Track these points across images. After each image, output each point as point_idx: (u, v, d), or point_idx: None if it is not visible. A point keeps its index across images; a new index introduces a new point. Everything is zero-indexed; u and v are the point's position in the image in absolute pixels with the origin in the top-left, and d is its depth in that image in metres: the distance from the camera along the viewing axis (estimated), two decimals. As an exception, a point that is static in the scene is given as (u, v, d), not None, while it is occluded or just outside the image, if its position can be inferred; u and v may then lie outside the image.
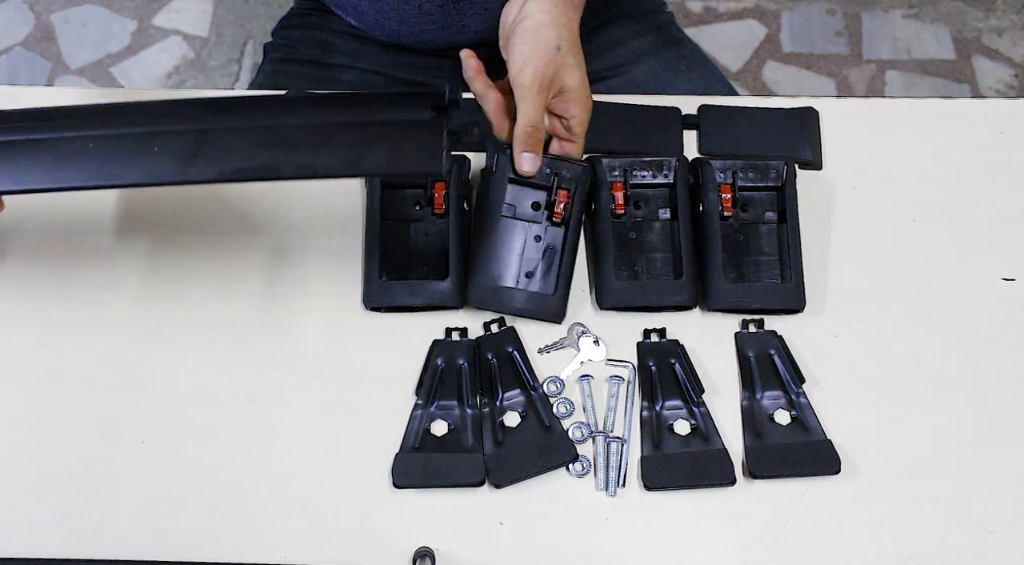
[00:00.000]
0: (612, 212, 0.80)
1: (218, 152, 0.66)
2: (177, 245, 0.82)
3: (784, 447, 0.74)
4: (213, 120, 0.66)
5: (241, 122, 0.67)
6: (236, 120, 0.67)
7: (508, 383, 0.77)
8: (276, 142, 0.66)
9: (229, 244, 0.82)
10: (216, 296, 0.80)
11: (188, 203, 0.84)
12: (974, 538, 0.72)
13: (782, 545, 0.72)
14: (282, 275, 0.81)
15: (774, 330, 0.79)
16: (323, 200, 0.84)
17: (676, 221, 0.80)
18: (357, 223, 0.83)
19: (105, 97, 0.89)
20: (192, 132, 0.66)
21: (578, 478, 0.74)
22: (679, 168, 0.81)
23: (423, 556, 0.71)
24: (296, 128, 0.66)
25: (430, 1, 0.93)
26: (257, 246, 0.82)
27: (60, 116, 0.67)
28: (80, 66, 1.86)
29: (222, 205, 0.84)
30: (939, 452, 0.75)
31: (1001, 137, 0.87)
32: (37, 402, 0.77)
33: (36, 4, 1.93)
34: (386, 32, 1.00)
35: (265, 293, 0.81)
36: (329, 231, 0.83)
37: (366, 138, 0.66)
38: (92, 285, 0.81)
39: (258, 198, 0.84)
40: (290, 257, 0.82)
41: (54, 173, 0.65)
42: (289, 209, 0.83)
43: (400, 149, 0.66)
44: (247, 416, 0.76)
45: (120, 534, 0.72)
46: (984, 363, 0.78)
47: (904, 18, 1.92)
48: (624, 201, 0.80)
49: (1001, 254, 0.82)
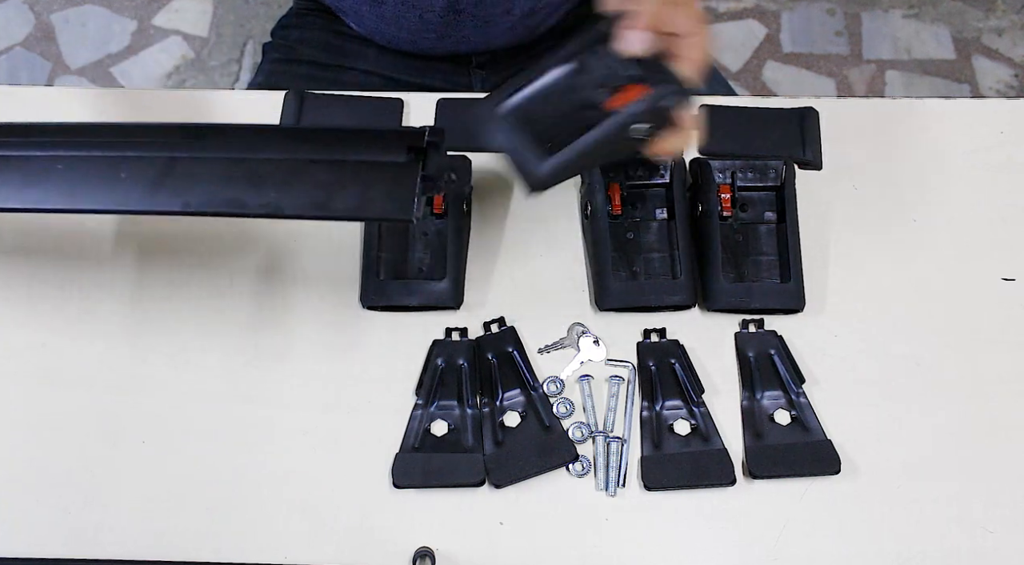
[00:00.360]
0: (609, 213, 0.80)
1: (184, 182, 0.63)
2: (177, 245, 0.82)
3: (784, 447, 0.75)
4: (183, 148, 0.64)
5: (211, 152, 0.64)
6: (207, 149, 0.64)
7: (508, 383, 0.77)
8: (244, 176, 0.63)
9: (228, 244, 0.82)
10: (215, 296, 0.80)
11: (188, 203, 0.84)
12: (974, 538, 0.72)
13: (782, 545, 0.72)
14: (282, 275, 0.81)
15: (774, 330, 0.79)
16: (323, 200, 0.84)
17: (673, 221, 0.80)
18: (357, 222, 0.83)
19: (105, 97, 0.89)
20: (160, 160, 0.64)
21: (578, 478, 0.74)
22: (676, 168, 0.81)
23: (423, 556, 0.71)
24: (266, 162, 0.64)
25: (431, 11, 0.93)
26: (257, 246, 0.82)
27: (32, 133, 0.65)
28: (80, 66, 1.86)
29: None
30: (939, 452, 0.75)
31: (1001, 137, 0.87)
32: (37, 402, 0.77)
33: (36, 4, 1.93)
34: (385, 38, 1.00)
35: (265, 293, 0.81)
36: (329, 230, 0.83)
37: (337, 178, 0.63)
38: (92, 285, 0.81)
39: (258, 198, 0.84)
40: (290, 257, 0.82)
41: (19, 193, 0.64)
42: (289, 209, 0.83)
43: (370, 194, 0.63)
44: (247, 416, 0.76)
45: (120, 534, 0.72)
46: (984, 363, 0.78)
47: (904, 18, 1.92)
48: (621, 202, 0.81)
49: (1001, 254, 0.83)
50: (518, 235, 0.83)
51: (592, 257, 0.81)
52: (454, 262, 0.79)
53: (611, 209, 0.81)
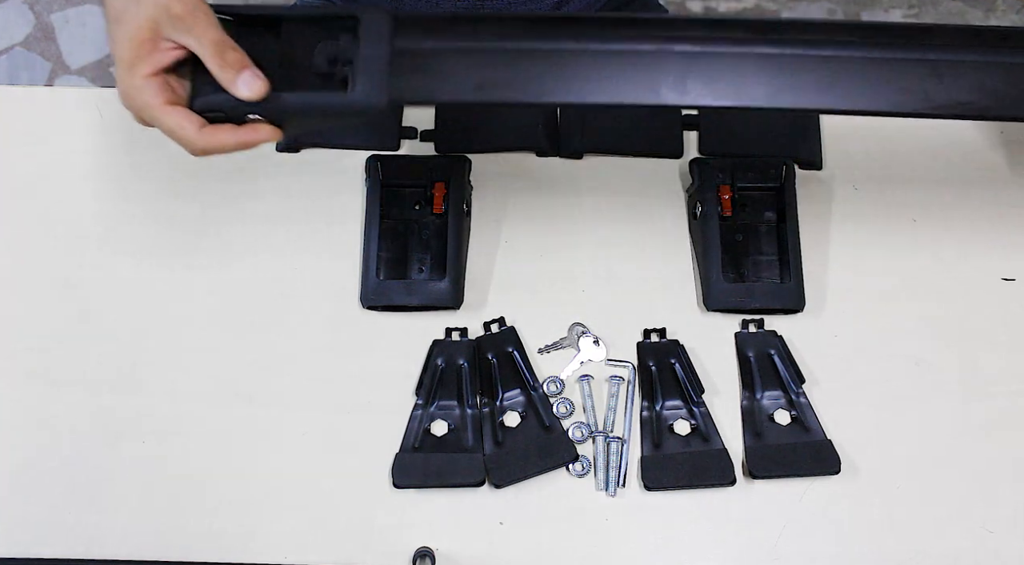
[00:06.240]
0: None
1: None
2: (177, 245, 0.82)
3: (784, 447, 0.75)
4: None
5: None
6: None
7: (508, 383, 0.77)
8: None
9: (228, 243, 0.82)
10: (215, 295, 0.80)
11: (187, 203, 0.84)
12: (974, 538, 0.72)
13: (782, 545, 0.72)
14: (282, 275, 0.81)
15: (774, 330, 0.79)
16: (323, 199, 0.84)
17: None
18: (357, 222, 0.83)
19: (105, 97, 0.89)
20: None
21: (578, 478, 0.74)
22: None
23: (423, 556, 0.71)
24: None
25: (455, 7, 0.93)
26: (257, 245, 0.82)
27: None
28: (80, 66, 1.86)
29: (222, 205, 0.84)
30: (939, 452, 0.75)
31: (1001, 137, 0.87)
32: (37, 402, 0.77)
33: (36, 4, 1.93)
34: None
35: (265, 292, 0.81)
36: (329, 230, 0.83)
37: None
38: (92, 285, 0.81)
39: (258, 197, 0.84)
40: (290, 257, 0.82)
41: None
42: (289, 208, 0.83)
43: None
44: (247, 416, 0.76)
45: (120, 534, 0.72)
46: (984, 363, 0.78)
47: (904, 18, 1.92)
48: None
49: (1001, 254, 0.82)
50: (518, 235, 0.83)
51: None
52: (454, 262, 0.79)
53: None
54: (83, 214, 0.84)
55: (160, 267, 0.81)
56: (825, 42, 0.65)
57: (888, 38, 0.65)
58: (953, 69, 0.65)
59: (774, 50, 0.64)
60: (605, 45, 0.64)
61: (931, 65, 0.64)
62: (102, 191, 0.84)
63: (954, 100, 0.64)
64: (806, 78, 0.64)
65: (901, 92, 0.64)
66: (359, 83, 0.62)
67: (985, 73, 0.65)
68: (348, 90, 0.62)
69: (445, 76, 0.64)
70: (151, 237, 0.83)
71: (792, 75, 0.64)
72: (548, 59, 0.64)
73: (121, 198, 0.84)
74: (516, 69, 0.63)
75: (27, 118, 0.88)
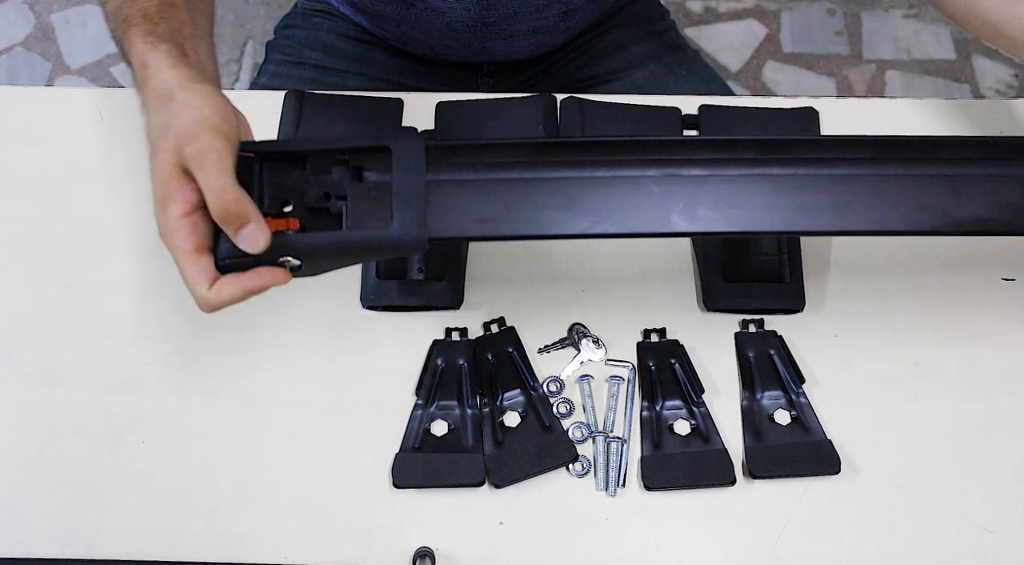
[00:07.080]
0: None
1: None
2: (177, 245, 0.82)
3: (784, 447, 0.75)
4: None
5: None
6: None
7: (508, 383, 0.77)
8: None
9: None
10: (216, 296, 0.80)
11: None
12: (974, 538, 0.72)
13: (782, 545, 0.72)
14: (282, 275, 0.81)
15: (774, 330, 0.79)
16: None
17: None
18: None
19: (105, 97, 0.89)
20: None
21: (578, 478, 0.74)
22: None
23: (423, 556, 0.71)
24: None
25: (459, 21, 0.93)
26: (257, 246, 0.82)
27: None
28: (80, 66, 1.86)
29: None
30: (939, 452, 0.75)
31: (1001, 137, 0.87)
32: (37, 402, 0.77)
33: (36, 4, 1.93)
34: (403, 40, 1.00)
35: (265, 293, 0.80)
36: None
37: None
38: (92, 285, 0.81)
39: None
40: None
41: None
42: (289, 209, 0.83)
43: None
44: (247, 416, 0.76)
45: (120, 534, 0.72)
46: (984, 363, 0.78)
47: (904, 18, 1.92)
48: None
49: (1001, 254, 0.83)
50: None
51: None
52: (454, 262, 0.79)
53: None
54: (83, 214, 0.84)
55: (160, 267, 0.81)
56: (837, 160, 0.63)
57: (901, 153, 0.64)
58: (970, 183, 0.63)
59: (786, 171, 0.63)
60: (617, 171, 0.63)
61: (948, 180, 0.63)
62: (102, 191, 0.84)
63: (974, 216, 0.63)
64: (821, 200, 0.63)
65: (919, 210, 0.63)
66: (397, 217, 0.60)
67: (1003, 186, 0.63)
68: (387, 225, 0.59)
69: (480, 210, 0.62)
70: (151, 237, 0.82)
71: (806, 197, 0.63)
72: (575, 187, 0.63)
73: (121, 198, 0.84)
74: (544, 198, 0.62)
75: (27, 118, 0.88)
